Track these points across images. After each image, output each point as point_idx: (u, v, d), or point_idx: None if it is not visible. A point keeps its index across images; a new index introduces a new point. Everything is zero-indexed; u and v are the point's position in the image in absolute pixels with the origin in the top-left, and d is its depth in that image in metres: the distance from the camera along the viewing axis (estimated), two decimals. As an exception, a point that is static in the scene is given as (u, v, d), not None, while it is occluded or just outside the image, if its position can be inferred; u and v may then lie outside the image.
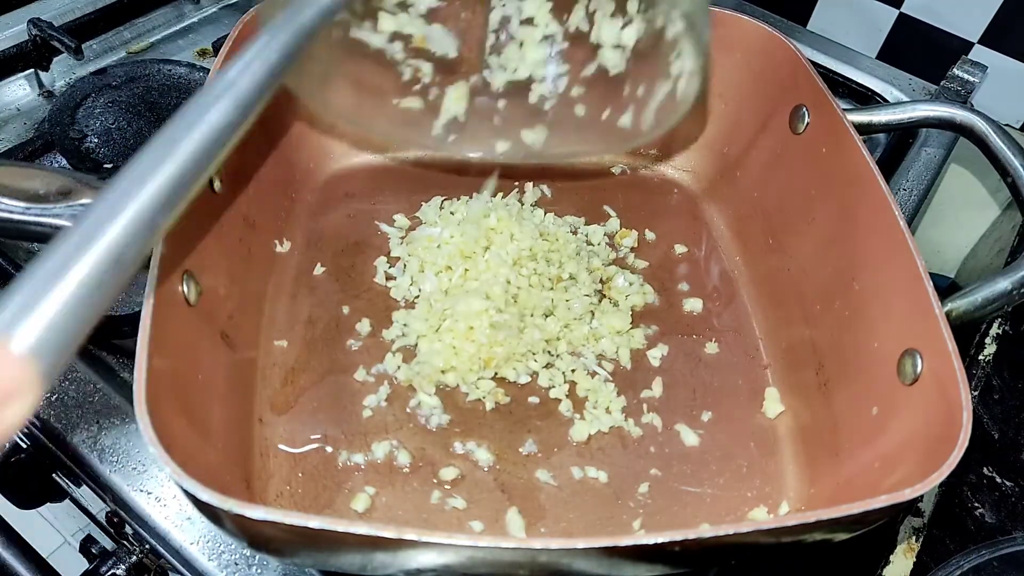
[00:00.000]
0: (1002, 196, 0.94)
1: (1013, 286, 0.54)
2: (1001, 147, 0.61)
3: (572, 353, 0.64)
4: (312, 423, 0.57)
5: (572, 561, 0.40)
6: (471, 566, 0.40)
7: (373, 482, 0.55)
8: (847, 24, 0.98)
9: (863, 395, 0.55)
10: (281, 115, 0.68)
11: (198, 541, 0.53)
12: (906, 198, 0.82)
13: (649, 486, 0.57)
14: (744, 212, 0.72)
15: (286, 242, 0.67)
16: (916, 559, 0.56)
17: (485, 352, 0.61)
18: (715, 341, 0.66)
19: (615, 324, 0.65)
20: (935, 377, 0.48)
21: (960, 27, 0.90)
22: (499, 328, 0.61)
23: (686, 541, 0.39)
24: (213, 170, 0.37)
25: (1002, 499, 0.64)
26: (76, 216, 0.45)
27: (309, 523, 0.37)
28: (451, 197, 0.73)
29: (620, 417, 0.60)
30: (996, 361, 0.69)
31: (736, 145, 0.74)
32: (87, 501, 0.70)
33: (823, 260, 0.62)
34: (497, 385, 0.61)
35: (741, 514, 0.56)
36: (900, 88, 0.93)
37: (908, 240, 0.53)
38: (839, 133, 0.61)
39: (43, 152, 0.75)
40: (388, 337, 0.63)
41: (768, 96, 0.70)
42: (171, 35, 0.92)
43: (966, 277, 1.00)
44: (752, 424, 0.61)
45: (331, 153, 0.74)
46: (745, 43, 0.71)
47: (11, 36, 0.83)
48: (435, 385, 0.60)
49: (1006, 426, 0.68)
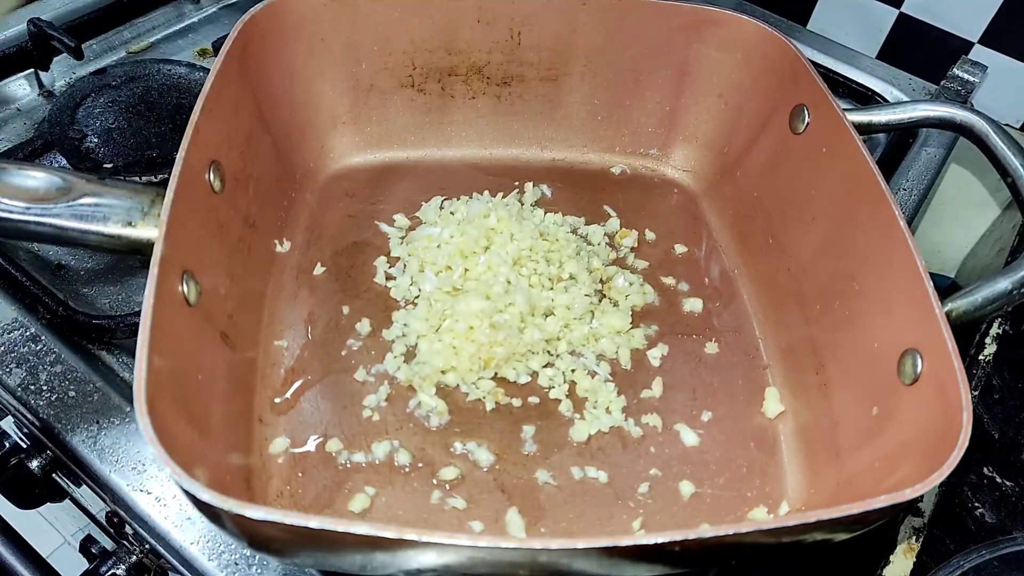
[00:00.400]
0: (1002, 196, 0.94)
1: (1013, 286, 0.54)
2: (1001, 147, 0.62)
3: (572, 353, 0.64)
4: (312, 423, 0.57)
5: (572, 561, 0.40)
6: (471, 566, 0.40)
7: (373, 482, 0.55)
8: (847, 24, 0.98)
9: (863, 395, 0.55)
10: (281, 115, 0.68)
11: (198, 541, 0.53)
12: (906, 198, 0.82)
13: (649, 486, 0.57)
14: (744, 212, 0.72)
15: (286, 242, 0.67)
16: (916, 559, 0.56)
17: (485, 352, 0.61)
18: (715, 341, 0.66)
19: (615, 324, 0.65)
20: (935, 377, 0.48)
21: (960, 27, 0.90)
22: (499, 328, 0.61)
23: (686, 541, 0.39)
24: None
25: (1002, 499, 0.64)
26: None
27: (309, 523, 0.37)
28: (451, 197, 0.73)
29: (620, 417, 0.60)
30: (996, 361, 0.69)
31: (736, 145, 0.74)
32: (87, 501, 0.70)
33: (823, 260, 0.62)
34: (497, 385, 0.61)
35: (741, 514, 0.56)
36: (900, 88, 0.93)
37: (908, 240, 0.53)
38: (839, 133, 0.61)
39: (43, 152, 0.75)
40: (388, 337, 0.63)
41: (768, 96, 0.70)
42: (171, 35, 0.92)
43: (966, 277, 1.00)
44: (752, 424, 0.61)
45: (331, 153, 0.74)
46: (745, 43, 0.71)
47: (11, 36, 0.83)
48: (435, 385, 0.60)
49: (1006, 426, 0.68)
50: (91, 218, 0.50)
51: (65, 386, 0.58)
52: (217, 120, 0.56)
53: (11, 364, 0.59)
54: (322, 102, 0.71)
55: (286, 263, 0.66)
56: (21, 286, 0.63)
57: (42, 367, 0.59)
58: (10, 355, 0.60)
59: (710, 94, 0.74)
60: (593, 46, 0.73)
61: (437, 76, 0.74)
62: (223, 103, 0.57)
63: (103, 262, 0.68)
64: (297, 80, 0.69)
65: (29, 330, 0.61)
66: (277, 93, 0.67)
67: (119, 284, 0.67)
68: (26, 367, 0.59)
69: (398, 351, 0.62)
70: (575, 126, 0.78)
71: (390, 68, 0.73)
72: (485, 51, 0.73)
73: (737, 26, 0.70)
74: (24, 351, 0.60)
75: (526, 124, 0.78)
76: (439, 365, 0.60)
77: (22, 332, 0.61)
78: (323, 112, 0.72)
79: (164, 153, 0.73)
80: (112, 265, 0.68)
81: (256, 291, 0.62)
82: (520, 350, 0.62)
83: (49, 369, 0.59)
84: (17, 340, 0.60)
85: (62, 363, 0.59)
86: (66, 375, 0.59)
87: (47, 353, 0.60)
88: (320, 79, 0.70)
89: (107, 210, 0.50)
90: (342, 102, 0.72)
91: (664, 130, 0.78)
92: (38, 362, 0.59)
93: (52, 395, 0.58)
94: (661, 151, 0.79)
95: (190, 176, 0.51)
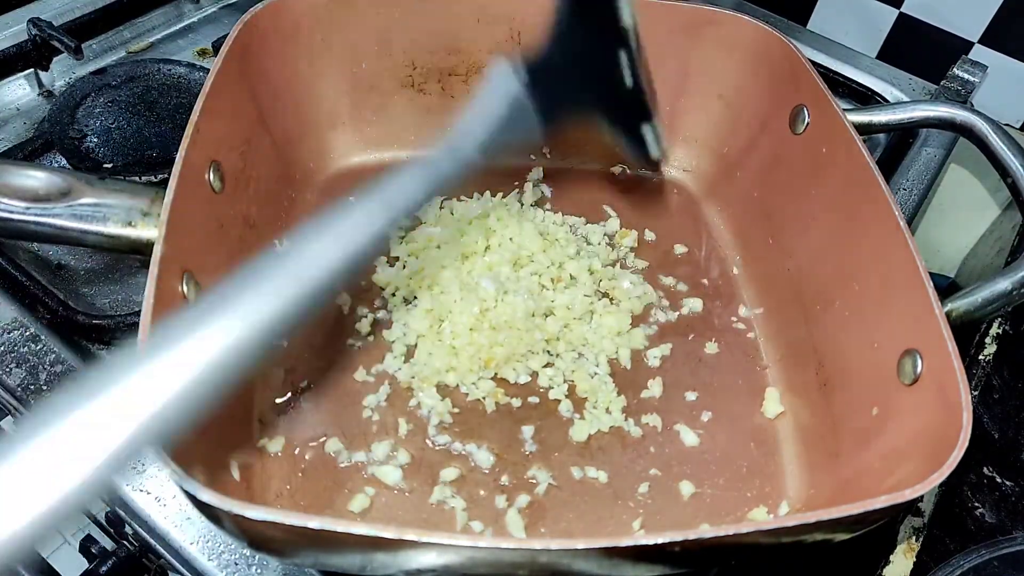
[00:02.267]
0: (1002, 196, 0.94)
1: (1013, 286, 0.54)
2: (1001, 147, 0.62)
3: (572, 352, 0.64)
4: (312, 423, 0.57)
5: (572, 562, 0.40)
6: (471, 566, 0.40)
7: (373, 482, 0.55)
8: (847, 24, 0.98)
9: (863, 395, 0.55)
10: (281, 115, 0.68)
11: (198, 541, 0.53)
12: (906, 198, 0.82)
13: (649, 486, 0.57)
14: (744, 212, 0.72)
15: (286, 242, 0.67)
16: (916, 559, 0.56)
17: (485, 352, 0.61)
18: (715, 341, 0.66)
19: (615, 324, 0.65)
20: (935, 377, 0.48)
21: (960, 27, 0.90)
22: (499, 329, 0.61)
23: (686, 542, 0.39)
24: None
25: (1002, 499, 0.64)
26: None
27: (309, 523, 0.37)
28: (451, 197, 0.73)
29: (620, 417, 0.60)
30: (996, 361, 0.69)
31: (736, 145, 0.74)
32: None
33: (823, 260, 0.62)
34: (497, 385, 0.61)
35: (741, 514, 0.56)
36: (900, 88, 0.93)
37: (908, 240, 0.53)
38: (839, 133, 0.61)
39: (43, 152, 0.75)
40: (389, 338, 0.63)
41: (768, 96, 0.70)
42: (171, 35, 0.92)
43: (966, 277, 1.00)
44: (752, 424, 0.61)
45: (331, 153, 0.74)
46: (744, 43, 0.71)
47: (11, 36, 0.83)
48: (435, 385, 0.60)
49: (1006, 426, 0.68)
50: (91, 218, 0.50)
51: (65, 386, 0.58)
52: (217, 120, 0.56)
53: (11, 364, 0.59)
54: (322, 102, 0.71)
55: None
56: (21, 286, 0.63)
57: (42, 367, 0.59)
58: (10, 355, 0.60)
59: (710, 94, 0.74)
60: (593, 46, 0.73)
61: (437, 76, 0.74)
62: (223, 103, 0.57)
63: (103, 262, 0.68)
64: (297, 80, 0.69)
65: (29, 330, 0.61)
66: (277, 93, 0.67)
67: (119, 284, 0.67)
68: (26, 367, 0.59)
69: (398, 351, 0.62)
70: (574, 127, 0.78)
71: (390, 68, 0.73)
72: (485, 51, 0.73)
73: (736, 26, 0.70)
74: (24, 351, 0.60)
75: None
76: (439, 366, 0.60)
77: (22, 332, 0.61)
78: (323, 112, 0.72)
79: (164, 153, 0.73)
80: (112, 265, 0.68)
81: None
82: (520, 350, 0.62)
83: (49, 369, 0.59)
84: (17, 340, 0.60)
85: (62, 363, 0.59)
86: (66, 375, 0.59)
87: (47, 353, 0.60)
88: (320, 79, 0.70)
89: (107, 210, 0.50)
90: (342, 102, 0.72)
91: (664, 130, 0.77)
92: (38, 362, 0.59)
93: (52, 395, 0.58)
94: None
95: (190, 176, 0.51)
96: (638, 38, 0.52)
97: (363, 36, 0.70)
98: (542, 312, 0.64)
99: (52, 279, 0.66)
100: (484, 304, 0.62)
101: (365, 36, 0.70)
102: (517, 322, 0.62)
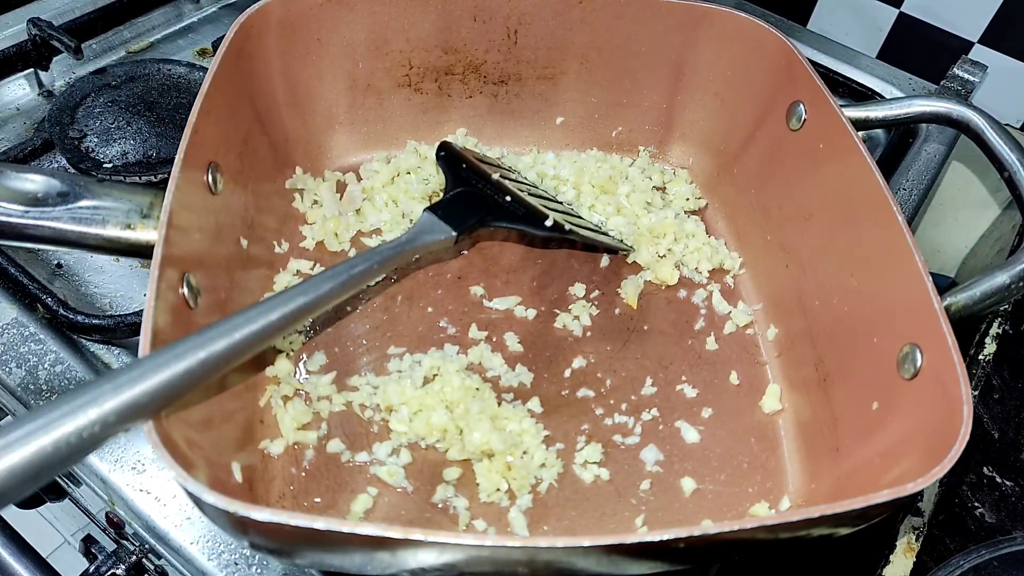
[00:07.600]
0: (1002, 195, 0.94)
1: (1012, 280, 0.54)
2: (997, 142, 0.61)
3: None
4: (314, 424, 0.57)
5: (576, 559, 0.40)
6: (474, 565, 0.40)
7: (375, 482, 0.55)
8: (847, 24, 0.98)
9: (863, 390, 0.55)
10: (278, 115, 0.68)
11: (198, 541, 0.53)
12: (906, 197, 0.82)
13: (650, 483, 0.57)
14: (742, 209, 0.72)
15: (284, 243, 0.67)
16: (916, 559, 0.55)
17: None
18: (715, 338, 0.66)
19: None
20: (935, 372, 0.48)
21: (960, 27, 0.90)
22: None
23: (690, 538, 0.39)
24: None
25: (1002, 499, 0.64)
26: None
27: (314, 524, 0.37)
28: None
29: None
30: (996, 361, 0.69)
31: (733, 142, 0.74)
32: (87, 501, 0.70)
33: (822, 256, 0.62)
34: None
35: (743, 510, 0.56)
36: (900, 88, 0.93)
37: (906, 233, 0.53)
38: (836, 129, 0.61)
39: (43, 152, 0.75)
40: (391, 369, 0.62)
41: (764, 93, 0.70)
42: (171, 35, 0.92)
43: (966, 277, 0.99)
44: (752, 420, 0.61)
45: (328, 153, 0.74)
46: (741, 39, 0.70)
47: (11, 36, 0.83)
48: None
49: (1006, 426, 0.68)
50: (90, 221, 0.49)
51: (65, 386, 0.58)
52: (215, 121, 0.56)
53: (11, 364, 0.59)
54: (319, 102, 0.71)
55: (286, 263, 0.66)
56: (21, 285, 0.63)
57: (42, 367, 0.59)
58: (10, 355, 0.59)
59: (706, 91, 0.74)
60: (590, 44, 0.73)
61: (434, 75, 0.74)
62: (220, 104, 0.57)
63: (103, 262, 0.68)
64: (294, 80, 0.69)
65: (29, 330, 0.61)
66: (274, 93, 0.67)
67: (119, 284, 0.67)
68: (26, 367, 0.59)
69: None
70: (572, 125, 0.78)
71: (387, 68, 0.72)
72: (482, 50, 0.73)
73: (732, 22, 0.70)
74: (24, 351, 0.60)
75: (523, 123, 0.78)
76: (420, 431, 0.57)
77: (22, 332, 0.61)
78: (320, 112, 0.72)
79: (164, 153, 0.73)
80: (112, 265, 0.68)
81: (256, 292, 0.62)
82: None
83: (49, 369, 0.59)
84: (17, 340, 0.60)
85: (62, 363, 0.59)
86: (66, 375, 0.59)
87: (47, 353, 0.60)
88: (317, 79, 0.70)
89: (106, 213, 0.50)
90: (339, 102, 0.72)
91: (661, 128, 0.78)
92: (38, 362, 0.59)
93: (52, 395, 0.58)
94: (658, 149, 0.79)
95: (189, 177, 0.51)
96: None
97: (360, 36, 0.70)
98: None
99: (52, 278, 0.66)
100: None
101: (362, 36, 0.70)
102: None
